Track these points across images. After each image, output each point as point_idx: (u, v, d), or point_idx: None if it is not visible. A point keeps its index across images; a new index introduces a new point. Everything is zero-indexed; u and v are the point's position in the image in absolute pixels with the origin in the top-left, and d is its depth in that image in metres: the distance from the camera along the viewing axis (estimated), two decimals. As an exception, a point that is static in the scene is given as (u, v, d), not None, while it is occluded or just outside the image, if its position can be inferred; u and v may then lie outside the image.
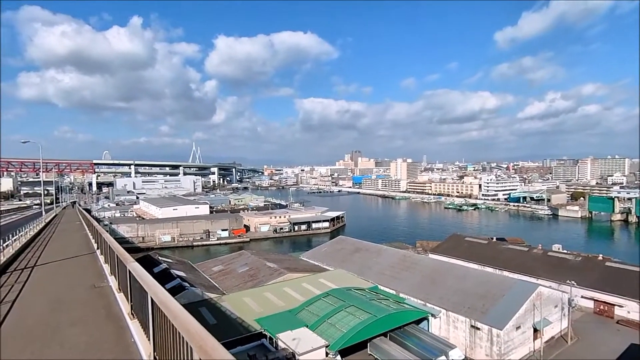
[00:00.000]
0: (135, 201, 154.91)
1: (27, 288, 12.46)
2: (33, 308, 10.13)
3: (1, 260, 16.95)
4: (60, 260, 17.75)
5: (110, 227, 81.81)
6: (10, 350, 7.22)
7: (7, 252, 19.14)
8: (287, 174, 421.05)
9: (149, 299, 5.52)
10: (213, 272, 47.77)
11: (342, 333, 27.88)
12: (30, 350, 7.14)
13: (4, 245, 19.67)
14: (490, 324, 30.34)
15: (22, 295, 11.46)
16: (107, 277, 12.76)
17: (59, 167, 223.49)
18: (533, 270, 44.47)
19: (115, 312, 9.08)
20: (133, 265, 7.60)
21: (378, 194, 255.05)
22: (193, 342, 3.52)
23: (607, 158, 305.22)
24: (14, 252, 19.83)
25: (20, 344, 7.55)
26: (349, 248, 53.46)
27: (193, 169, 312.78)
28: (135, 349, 6.68)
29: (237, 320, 29.49)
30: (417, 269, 42.17)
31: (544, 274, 43.11)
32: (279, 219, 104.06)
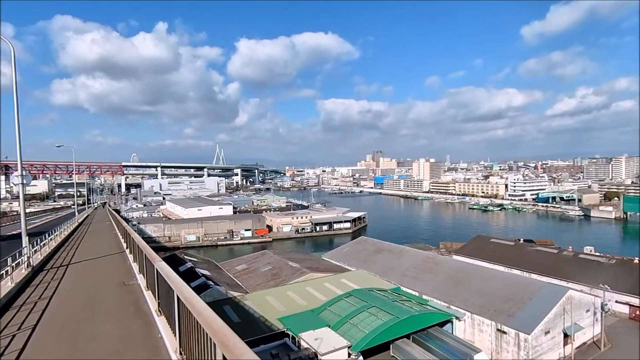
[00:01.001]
0: (162, 202, 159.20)
1: (62, 285, 13.10)
2: (68, 304, 10.65)
3: (39, 258, 17.85)
4: (92, 259, 18.52)
5: (139, 227, 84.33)
6: (48, 343, 7.63)
7: (44, 250, 20.12)
8: (309, 174, 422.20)
9: (175, 296, 5.73)
10: (237, 271, 48.53)
11: (364, 334, 27.75)
12: (65, 343, 7.52)
13: (41, 244, 20.70)
14: (518, 328, 29.48)
15: (57, 292, 12.06)
16: (136, 275, 13.23)
17: (90, 169, 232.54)
18: (563, 273, 42.88)
19: (143, 309, 9.42)
20: (160, 264, 7.88)
21: (400, 194, 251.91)
22: (217, 339, 3.64)
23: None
24: (50, 250, 20.83)
25: (57, 337, 7.97)
26: (371, 249, 53.13)
27: (217, 170, 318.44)
28: (162, 344, 6.94)
29: (260, 319, 29.84)
30: (440, 270, 41.46)
31: (575, 277, 41.50)
32: (301, 219, 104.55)
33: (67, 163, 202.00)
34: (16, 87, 16.82)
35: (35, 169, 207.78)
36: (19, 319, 9.19)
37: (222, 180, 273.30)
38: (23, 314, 9.65)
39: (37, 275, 14.85)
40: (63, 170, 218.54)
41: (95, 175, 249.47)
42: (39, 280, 13.99)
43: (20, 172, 17.61)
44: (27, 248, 16.07)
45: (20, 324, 8.81)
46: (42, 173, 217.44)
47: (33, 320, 9.05)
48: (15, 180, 18.50)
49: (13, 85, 16.73)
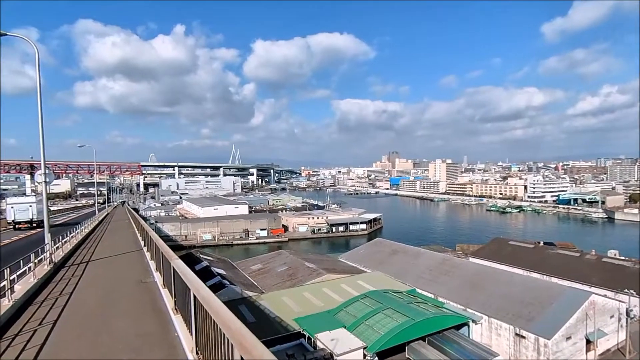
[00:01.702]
0: (179, 201, 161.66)
1: (82, 281, 13.36)
2: (87, 300, 10.83)
3: (61, 255, 18.27)
4: (111, 256, 18.86)
5: (156, 226, 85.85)
6: (69, 338, 7.75)
7: (65, 247, 20.61)
8: (324, 175, 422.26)
9: (192, 295, 5.70)
10: (252, 271, 48.79)
11: (379, 335, 27.50)
12: (85, 339, 7.62)
13: (63, 241, 21.21)
14: (537, 332, 28.69)
15: (77, 288, 12.30)
16: (153, 273, 13.39)
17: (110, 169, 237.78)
18: (585, 278, 41.53)
19: (160, 307, 9.49)
20: (177, 262, 7.90)
21: (416, 195, 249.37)
22: (234, 339, 3.57)
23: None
24: (71, 247, 21.33)
25: (77, 332, 8.08)
26: (387, 250, 52.68)
27: (233, 170, 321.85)
28: (178, 343, 6.94)
29: (275, 319, 29.89)
30: (456, 273, 40.77)
31: (598, 282, 40.13)
32: (317, 219, 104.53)
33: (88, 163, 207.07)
34: (40, 89, 17.26)
35: (59, 168, 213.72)
36: (40, 314, 9.40)
37: (237, 180, 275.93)
38: (44, 309, 9.86)
39: (59, 272, 15.21)
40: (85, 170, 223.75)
41: (115, 175, 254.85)
42: (60, 276, 14.32)
43: (43, 171, 18.09)
44: (49, 245, 16.48)
45: (42, 319, 9.00)
46: (65, 172, 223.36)
47: (54, 315, 9.24)
48: (39, 179, 19.01)
49: (37, 87, 17.18)
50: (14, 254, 17.35)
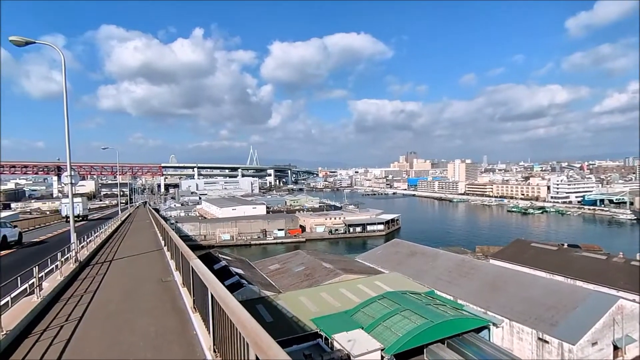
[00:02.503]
0: (198, 201, 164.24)
1: (105, 279, 13.78)
2: (110, 297, 11.16)
3: (86, 254, 18.87)
4: (133, 256, 19.36)
5: (176, 226, 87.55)
6: (93, 334, 8.02)
7: (90, 247, 21.27)
8: (341, 175, 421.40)
9: (209, 294, 5.82)
10: (270, 271, 49.16)
11: (397, 337, 27.27)
12: (108, 335, 7.87)
13: (87, 241, 21.91)
14: (561, 337, 27.86)
15: (101, 286, 12.69)
16: (173, 272, 13.68)
17: (132, 170, 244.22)
18: (613, 281, 40.05)
19: (179, 305, 9.70)
20: (195, 261, 8.07)
21: (434, 196, 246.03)
22: (249, 338, 3.64)
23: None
24: (95, 247, 22.00)
25: (100, 328, 8.36)
26: (405, 251, 52.19)
27: (250, 171, 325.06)
28: (197, 341, 7.09)
29: (293, 319, 30.03)
30: (476, 275, 40.02)
31: (627, 286, 38.61)
32: (334, 220, 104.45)
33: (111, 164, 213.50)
34: (66, 94, 17.89)
35: (84, 170, 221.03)
36: (66, 311, 9.76)
37: (255, 180, 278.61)
38: (70, 306, 10.23)
39: (84, 270, 15.72)
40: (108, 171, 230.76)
41: (137, 176, 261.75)
42: (85, 274, 14.80)
43: (69, 173, 18.74)
44: (74, 244, 17.05)
45: (68, 315, 9.33)
46: (89, 174, 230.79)
47: (79, 312, 9.57)
48: (65, 180, 19.71)
49: (63, 92, 17.81)
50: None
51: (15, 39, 16.07)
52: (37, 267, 10.56)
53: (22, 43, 16.38)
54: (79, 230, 28.33)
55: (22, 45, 16.53)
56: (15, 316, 8.50)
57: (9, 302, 9.18)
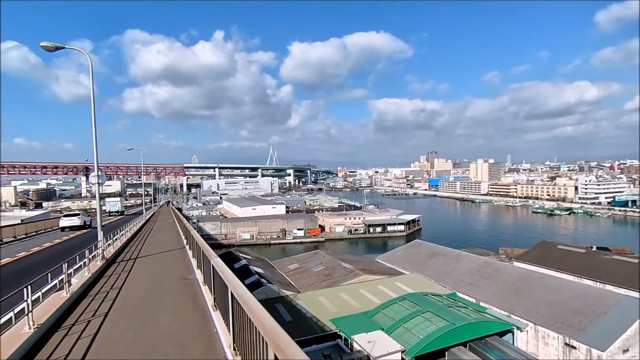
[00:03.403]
0: (219, 201, 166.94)
1: (130, 276, 14.16)
2: (135, 294, 11.46)
3: (112, 251, 19.46)
4: (156, 254, 19.84)
5: (198, 225, 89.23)
6: (118, 329, 8.25)
7: (116, 245, 21.93)
8: (361, 175, 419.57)
9: (229, 293, 5.89)
10: (289, 270, 49.43)
11: (418, 339, 26.90)
12: (132, 331, 8.08)
13: (114, 239, 22.60)
14: (590, 343, 26.82)
15: (126, 283, 13.05)
16: (194, 271, 13.93)
17: (156, 170, 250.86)
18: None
19: (200, 303, 9.87)
20: (216, 260, 8.19)
21: (456, 196, 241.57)
22: (268, 338, 3.65)
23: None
24: (121, 245, 22.65)
25: (126, 324, 8.60)
26: (426, 252, 51.47)
27: (270, 170, 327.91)
28: (217, 338, 7.19)
29: (312, 319, 30.10)
30: (500, 277, 39.04)
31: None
32: (354, 220, 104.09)
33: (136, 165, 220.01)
34: (93, 97, 18.50)
35: (110, 170, 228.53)
36: (93, 306, 10.09)
37: (275, 180, 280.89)
38: (97, 301, 10.57)
39: (110, 267, 16.21)
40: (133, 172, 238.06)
41: (160, 176, 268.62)
42: (111, 271, 15.27)
43: (96, 173, 19.37)
44: (101, 242, 17.61)
45: (95, 311, 9.65)
46: (115, 174, 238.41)
47: (105, 308, 9.88)
48: (93, 180, 20.40)
49: (91, 95, 18.43)
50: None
51: (46, 45, 16.74)
52: (67, 263, 10.96)
53: (52, 48, 17.05)
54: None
55: (52, 51, 17.20)
56: (45, 311, 8.85)
57: (40, 297, 9.57)
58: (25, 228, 36.08)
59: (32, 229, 37.05)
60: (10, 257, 21.04)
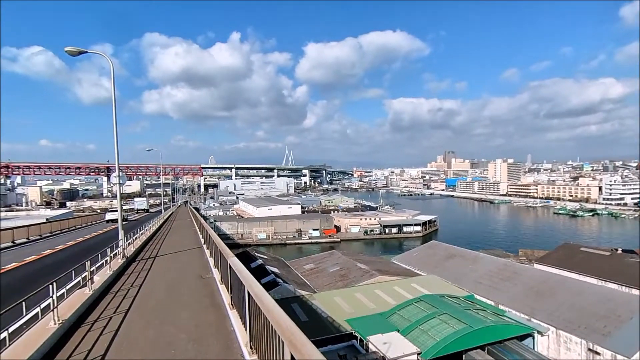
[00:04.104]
0: (236, 201, 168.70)
1: (150, 274, 14.47)
2: (154, 292, 11.71)
3: (132, 250, 19.93)
4: (175, 253, 20.21)
5: (215, 225, 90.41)
6: (138, 326, 8.45)
7: (136, 243, 22.44)
8: (377, 175, 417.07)
9: (246, 291, 5.96)
10: (305, 270, 49.57)
11: (435, 341, 26.59)
12: (152, 327, 8.27)
13: (134, 237, 23.13)
14: (615, 349, 25.97)
15: (146, 281, 13.34)
16: (212, 269, 14.13)
17: (174, 171, 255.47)
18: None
19: (217, 301, 10.02)
20: (233, 259, 8.29)
21: (474, 197, 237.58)
22: (284, 337, 3.69)
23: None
24: (141, 244, 23.17)
25: (145, 320, 8.80)
26: (442, 253, 50.81)
27: (286, 171, 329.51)
28: (234, 337, 7.29)
29: (327, 319, 30.10)
30: (519, 279, 38.21)
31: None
32: (369, 220, 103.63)
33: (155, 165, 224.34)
34: (115, 99, 18.98)
35: (130, 170, 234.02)
36: (115, 303, 10.37)
37: (291, 180, 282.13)
38: (118, 298, 10.85)
39: (130, 265, 16.61)
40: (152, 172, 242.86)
41: (178, 176, 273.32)
42: (132, 269, 15.64)
43: (117, 174, 19.86)
44: (122, 241, 18.06)
45: (116, 307, 9.91)
46: (135, 174, 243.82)
47: (126, 305, 10.13)
48: (114, 180, 20.94)
49: (112, 98, 18.92)
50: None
51: (70, 49, 17.27)
52: (89, 261, 11.30)
53: (76, 53, 17.57)
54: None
55: (76, 55, 17.73)
56: (70, 307, 9.15)
57: (65, 294, 9.90)
58: (50, 227, 37.31)
59: (56, 228, 38.31)
60: (36, 255, 21.84)
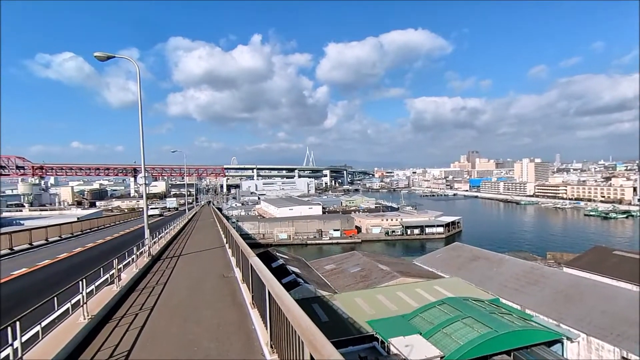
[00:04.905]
0: (257, 201, 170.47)
1: (174, 273, 14.80)
2: (178, 289, 11.97)
3: (157, 249, 20.45)
4: (198, 252, 20.60)
5: (237, 225, 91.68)
6: (163, 323, 8.66)
7: (161, 242, 23.02)
8: (398, 176, 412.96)
9: (267, 291, 5.99)
10: (325, 271, 49.55)
11: (458, 345, 26.03)
12: (175, 324, 8.46)
13: (159, 237, 23.74)
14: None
15: (170, 279, 13.65)
16: (234, 269, 14.32)
17: (198, 171, 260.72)
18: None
19: (239, 300, 10.13)
20: (254, 259, 8.37)
21: (499, 198, 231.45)
22: (304, 337, 3.69)
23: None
24: (165, 243, 23.75)
25: (169, 317, 9.01)
26: (466, 255, 49.73)
27: (307, 171, 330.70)
28: (255, 336, 7.35)
29: (348, 320, 30.00)
30: (547, 283, 36.93)
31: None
32: (391, 221, 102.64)
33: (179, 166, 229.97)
34: (141, 102, 19.53)
35: (156, 171, 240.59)
36: (140, 300, 10.66)
37: (312, 181, 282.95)
38: (144, 296, 11.15)
39: (156, 264, 17.04)
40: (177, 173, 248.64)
41: (202, 177, 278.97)
42: (157, 267, 16.05)
43: (143, 174, 20.44)
44: (148, 240, 18.56)
45: (142, 304, 10.19)
46: (160, 175, 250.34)
47: (151, 302, 10.40)
48: (140, 181, 21.56)
49: (138, 100, 19.47)
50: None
51: (98, 55, 17.91)
52: (117, 259, 11.67)
53: (104, 58, 18.20)
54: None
55: (104, 60, 18.35)
56: (98, 303, 9.48)
57: (94, 290, 10.27)
58: (81, 226, 38.79)
59: (86, 227, 39.79)
60: (68, 252, 22.74)
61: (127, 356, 6.73)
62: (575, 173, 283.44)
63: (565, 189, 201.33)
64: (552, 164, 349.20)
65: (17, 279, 15.21)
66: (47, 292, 8.62)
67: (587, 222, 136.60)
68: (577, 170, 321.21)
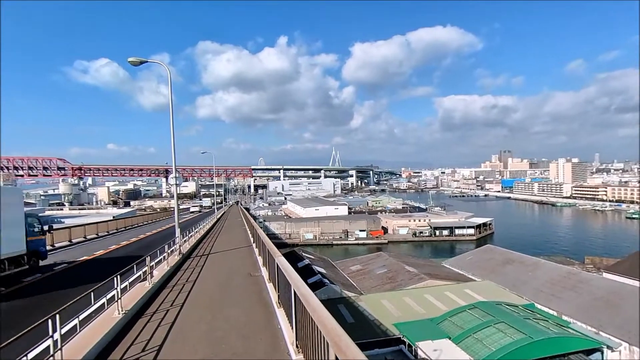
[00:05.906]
0: (284, 201, 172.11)
1: (203, 271, 15.15)
2: (207, 287, 12.25)
3: (187, 247, 21.02)
4: (226, 251, 21.01)
5: (264, 224, 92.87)
6: (192, 319, 8.89)
7: (191, 241, 23.65)
8: (426, 176, 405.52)
9: (292, 291, 6.01)
10: (351, 271, 49.32)
11: (490, 351, 25.19)
12: (204, 321, 8.67)
13: (189, 235, 24.40)
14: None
15: (200, 277, 13.99)
16: (260, 268, 14.50)
17: (226, 172, 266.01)
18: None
19: (265, 299, 10.24)
20: (280, 259, 8.42)
21: (533, 199, 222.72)
22: (329, 338, 3.65)
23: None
24: (195, 241, 24.37)
25: (198, 314, 9.24)
26: (499, 258, 48.13)
27: (333, 172, 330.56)
28: (281, 334, 7.40)
29: (374, 322, 29.70)
30: (586, 289, 35.15)
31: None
32: (418, 222, 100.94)
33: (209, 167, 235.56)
34: (172, 105, 20.13)
35: (186, 172, 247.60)
36: (171, 297, 10.98)
37: (338, 181, 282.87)
38: (175, 293, 11.48)
39: (186, 262, 17.52)
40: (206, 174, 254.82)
41: (230, 178, 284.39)
42: (187, 265, 16.50)
43: (174, 175, 21.06)
44: (178, 238, 19.11)
45: (172, 301, 10.49)
46: (191, 176, 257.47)
47: (182, 299, 10.69)
48: (171, 181, 22.25)
49: (169, 103, 20.08)
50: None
51: (132, 60, 18.61)
52: (149, 257, 12.08)
53: (138, 63, 18.89)
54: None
55: (138, 65, 19.05)
56: (132, 299, 9.84)
57: (127, 286, 10.68)
58: (116, 224, 40.52)
59: (121, 225, 41.53)
60: (104, 249, 23.80)
61: (158, 351, 6.93)
62: (617, 173, 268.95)
63: (605, 191, 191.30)
64: (590, 164, 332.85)
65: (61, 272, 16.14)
66: (84, 287, 9.02)
67: (629, 225, 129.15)
68: (619, 170, 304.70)
